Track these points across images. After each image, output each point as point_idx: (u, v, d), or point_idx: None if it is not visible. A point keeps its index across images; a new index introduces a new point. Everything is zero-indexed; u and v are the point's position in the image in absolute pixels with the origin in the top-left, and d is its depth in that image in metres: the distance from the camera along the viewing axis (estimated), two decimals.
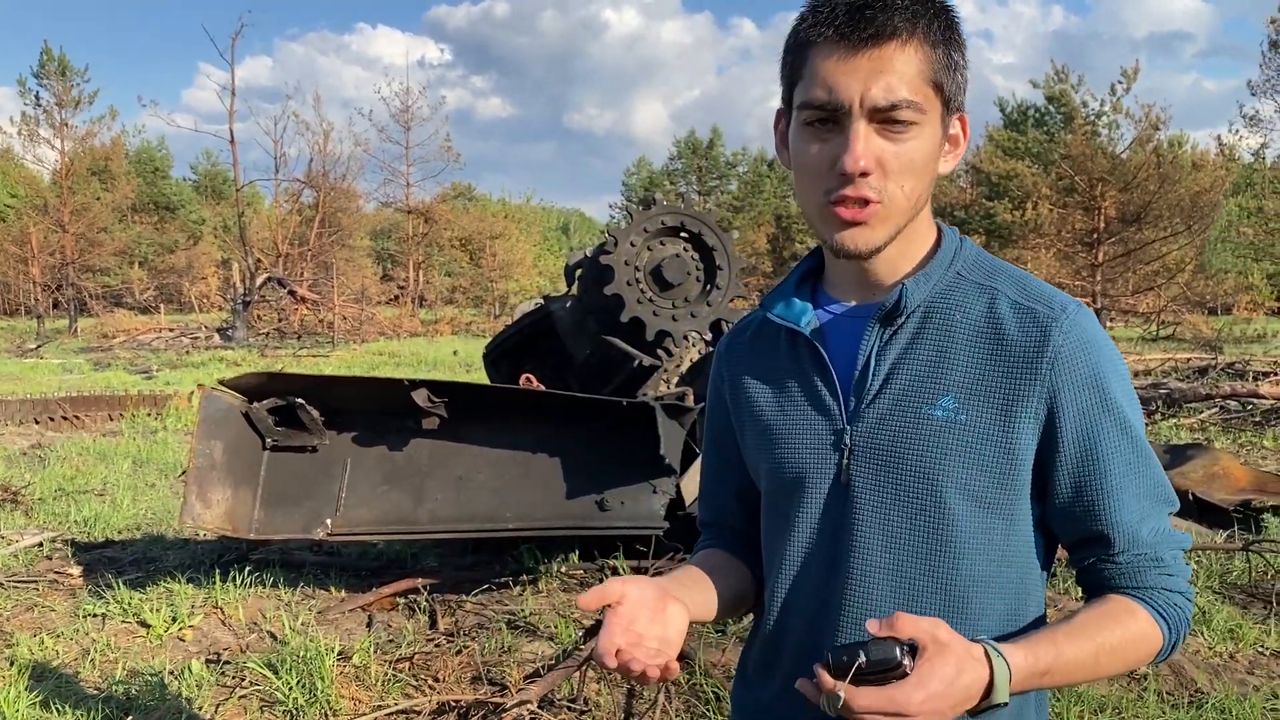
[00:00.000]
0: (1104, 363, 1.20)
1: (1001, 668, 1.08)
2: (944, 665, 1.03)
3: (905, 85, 1.14)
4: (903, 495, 1.22)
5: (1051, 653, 1.13)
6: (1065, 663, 1.15)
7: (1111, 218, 33.70)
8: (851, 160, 1.13)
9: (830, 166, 1.16)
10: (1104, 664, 1.18)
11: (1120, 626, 1.19)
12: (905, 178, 1.17)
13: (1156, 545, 1.21)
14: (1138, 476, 1.21)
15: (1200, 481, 7.11)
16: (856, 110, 1.14)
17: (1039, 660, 1.12)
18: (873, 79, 1.13)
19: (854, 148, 1.14)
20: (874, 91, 1.13)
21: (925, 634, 1.05)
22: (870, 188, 1.16)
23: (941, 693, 1.03)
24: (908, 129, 1.15)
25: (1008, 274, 1.26)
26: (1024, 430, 1.19)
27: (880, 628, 1.06)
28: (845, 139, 1.14)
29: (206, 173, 59.15)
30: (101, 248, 38.59)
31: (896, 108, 1.14)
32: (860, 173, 1.14)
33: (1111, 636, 1.18)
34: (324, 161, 39.33)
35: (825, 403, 1.27)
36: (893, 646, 1.03)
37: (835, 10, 1.15)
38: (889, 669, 1.03)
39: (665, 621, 1.18)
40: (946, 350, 1.22)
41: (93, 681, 4.21)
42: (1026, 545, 1.25)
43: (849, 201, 1.16)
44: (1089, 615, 1.20)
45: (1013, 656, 1.10)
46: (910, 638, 1.04)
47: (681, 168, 57.05)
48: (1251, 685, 4.18)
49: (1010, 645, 1.12)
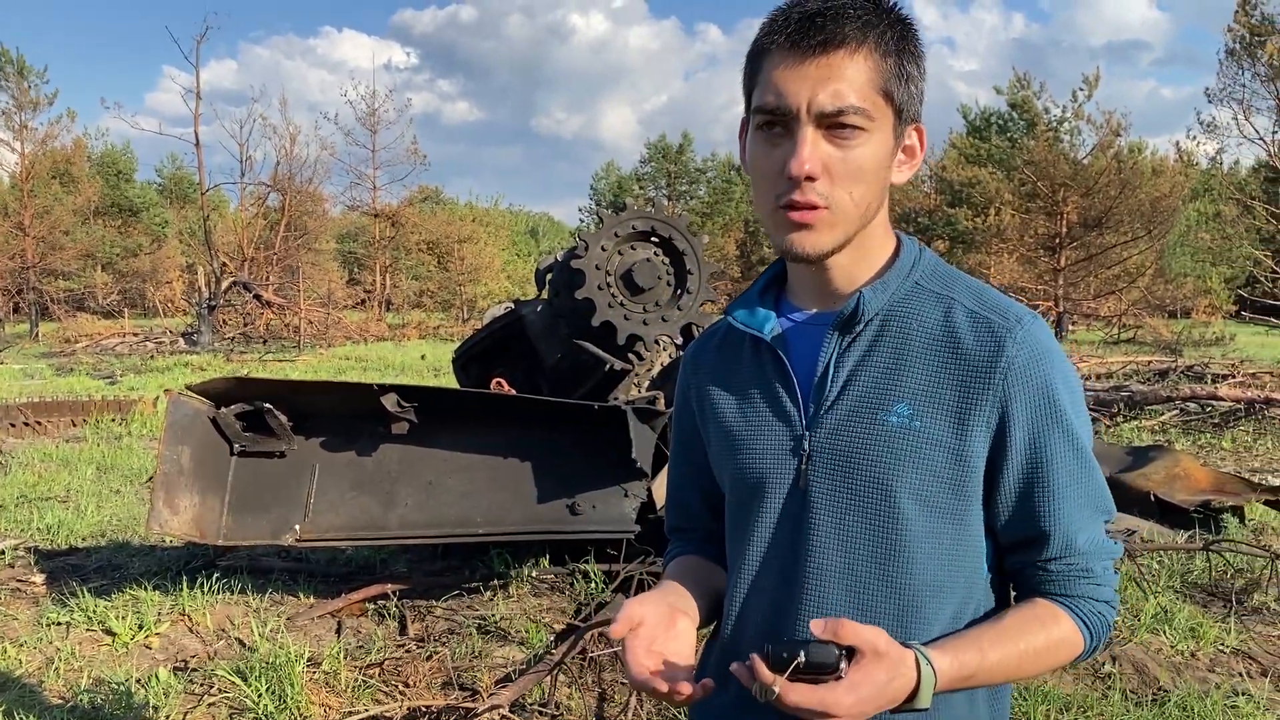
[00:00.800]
0: (1056, 375, 1.23)
1: (928, 674, 1.13)
2: (878, 672, 1.08)
3: (854, 92, 1.16)
4: (858, 500, 1.24)
5: (976, 658, 1.19)
6: (989, 666, 1.20)
7: (1073, 223, 34.14)
8: (797, 164, 1.16)
9: (780, 171, 1.18)
10: (1026, 666, 1.24)
11: (1045, 632, 1.24)
12: (853, 184, 1.19)
13: (1089, 555, 1.26)
14: (1080, 487, 1.25)
15: (1161, 483, 7.21)
16: (804, 116, 1.16)
17: (964, 666, 1.17)
18: (820, 86, 1.16)
19: (800, 152, 1.16)
20: (821, 98, 1.15)
21: (866, 644, 1.09)
22: (817, 193, 1.18)
23: (871, 697, 1.08)
24: (855, 135, 1.17)
25: (965, 284, 1.29)
26: (976, 438, 1.22)
27: (824, 630, 1.09)
28: (793, 144, 1.17)
29: (171, 176, 58.47)
30: (64, 251, 38.05)
31: (843, 114, 1.16)
32: (806, 177, 1.17)
33: (1035, 641, 1.23)
34: (290, 165, 39.04)
35: (786, 409, 1.30)
36: (832, 650, 1.08)
37: (790, 19, 1.18)
38: (825, 671, 1.07)
39: (678, 636, 1.24)
40: (903, 358, 1.24)
41: (57, 691, 4.16)
42: (976, 550, 1.28)
43: (797, 206, 1.18)
44: (1016, 620, 1.25)
45: (939, 662, 1.15)
46: (851, 644, 1.09)
47: (651, 172, 57.14)
48: (1213, 683, 4.26)
49: (938, 650, 1.16)
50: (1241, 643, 4.71)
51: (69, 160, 41.65)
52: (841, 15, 1.16)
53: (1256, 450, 10.13)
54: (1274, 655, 4.62)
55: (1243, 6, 26.71)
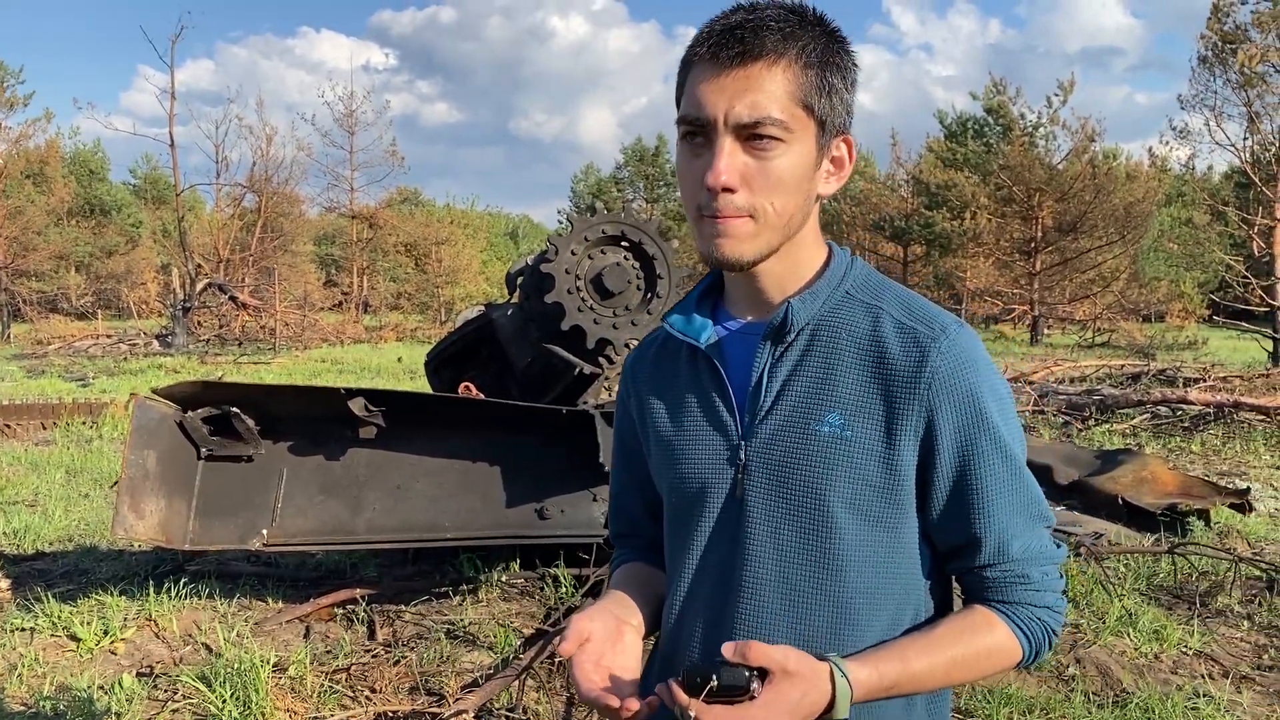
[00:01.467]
0: (981, 383, 1.24)
1: (843, 686, 1.15)
2: (791, 691, 1.12)
3: (772, 104, 1.17)
4: (793, 509, 1.25)
5: (898, 668, 1.20)
6: (914, 675, 1.21)
7: (1048, 227, 34.40)
8: (713, 176, 1.18)
9: (701, 182, 1.19)
10: (957, 674, 1.25)
11: (977, 640, 1.25)
12: (773, 195, 1.20)
13: (1025, 562, 1.26)
14: (1011, 493, 1.25)
15: (1129, 486, 7.28)
16: (721, 127, 1.18)
17: (884, 676, 1.19)
18: (737, 97, 1.17)
19: (716, 164, 1.18)
20: (738, 109, 1.17)
21: (775, 664, 1.12)
22: (735, 204, 1.19)
23: (785, 712, 1.11)
24: (774, 147, 1.19)
25: (894, 294, 1.30)
26: (905, 446, 1.23)
27: (734, 653, 1.13)
28: (712, 154, 1.19)
29: (146, 176, 57.99)
30: (36, 252, 37.67)
31: (760, 125, 1.17)
32: (723, 188, 1.18)
33: (966, 649, 1.24)
34: (267, 166, 38.76)
35: (722, 418, 1.31)
36: (743, 673, 1.11)
37: (714, 31, 1.20)
38: (738, 692, 1.11)
39: (624, 650, 1.26)
40: (833, 367, 1.25)
41: (20, 697, 4.12)
42: (912, 558, 1.29)
43: (717, 215, 1.20)
44: (948, 628, 1.26)
45: (857, 674, 1.17)
46: (761, 666, 1.12)
47: (629, 175, 57.12)
48: (1175, 685, 4.31)
49: (857, 662, 1.18)
50: (1204, 645, 4.77)
51: (43, 160, 41.25)
52: (762, 28, 1.18)
53: (1225, 454, 10.23)
54: (1236, 657, 4.67)
55: (1215, 14, 26.97)
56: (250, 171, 38.61)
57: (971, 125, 40.12)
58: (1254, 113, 26.59)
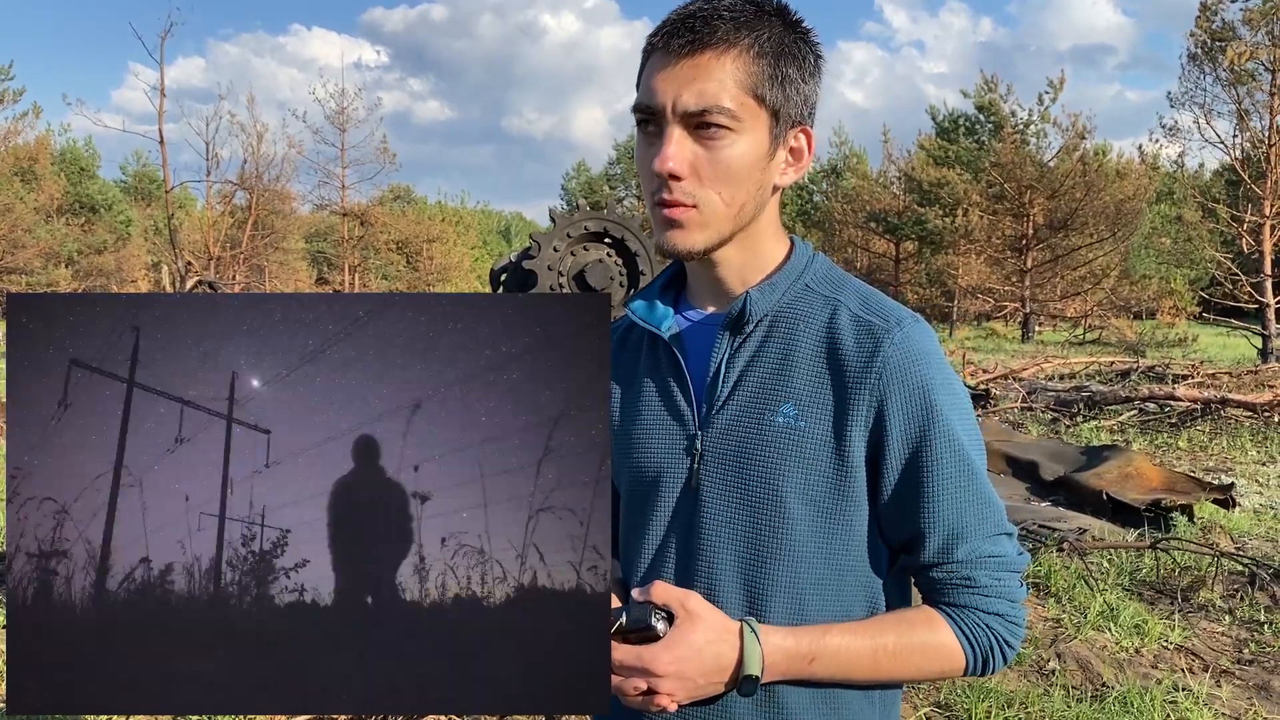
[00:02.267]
0: (933, 376, 1.22)
1: (752, 642, 1.17)
2: (692, 632, 1.16)
3: (721, 93, 1.17)
4: (747, 499, 1.24)
5: (814, 638, 1.20)
6: (832, 651, 1.20)
7: (1040, 224, 34.51)
8: (660, 162, 1.18)
9: (653, 170, 1.20)
10: (885, 665, 1.22)
11: (912, 634, 1.23)
12: (722, 185, 1.20)
13: (970, 564, 1.24)
14: (959, 490, 1.23)
15: (1114, 481, 7.31)
16: (669, 115, 1.18)
17: (799, 643, 1.20)
18: (685, 85, 1.17)
19: (664, 150, 1.18)
20: (685, 97, 1.17)
21: (675, 602, 1.18)
22: (684, 192, 1.19)
23: (688, 657, 1.15)
24: (722, 135, 1.18)
25: (853, 288, 1.30)
26: (855, 437, 1.22)
27: (640, 594, 1.18)
28: (662, 142, 1.19)
29: (136, 174, 57.89)
30: (25, 249, 37.58)
31: (707, 113, 1.17)
32: (671, 175, 1.18)
33: (896, 641, 1.22)
34: (257, 163, 38.72)
35: (680, 408, 1.30)
36: (648, 611, 1.16)
37: (670, 20, 1.20)
38: (643, 630, 1.16)
39: None
40: (789, 359, 1.25)
41: None
42: (865, 553, 1.27)
43: (668, 204, 1.20)
44: (883, 618, 1.26)
45: (770, 636, 1.19)
46: (663, 604, 1.17)
47: (621, 172, 57.19)
48: (1155, 679, 4.32)
49: (774, 629, 1.20)
50: (1185, 639, 4.78)
51: (32, 158, 41.13)
52: (715, 17, 1.18)
53: (1211, 450, 10.27)
54: (1216, 651, 4.69)
55: (1203, 12, 27.08)
56: (241, 169, 38.57)
57: (963, 122, 40.22)
58: (1243, 110, 26.71)
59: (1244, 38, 25.88)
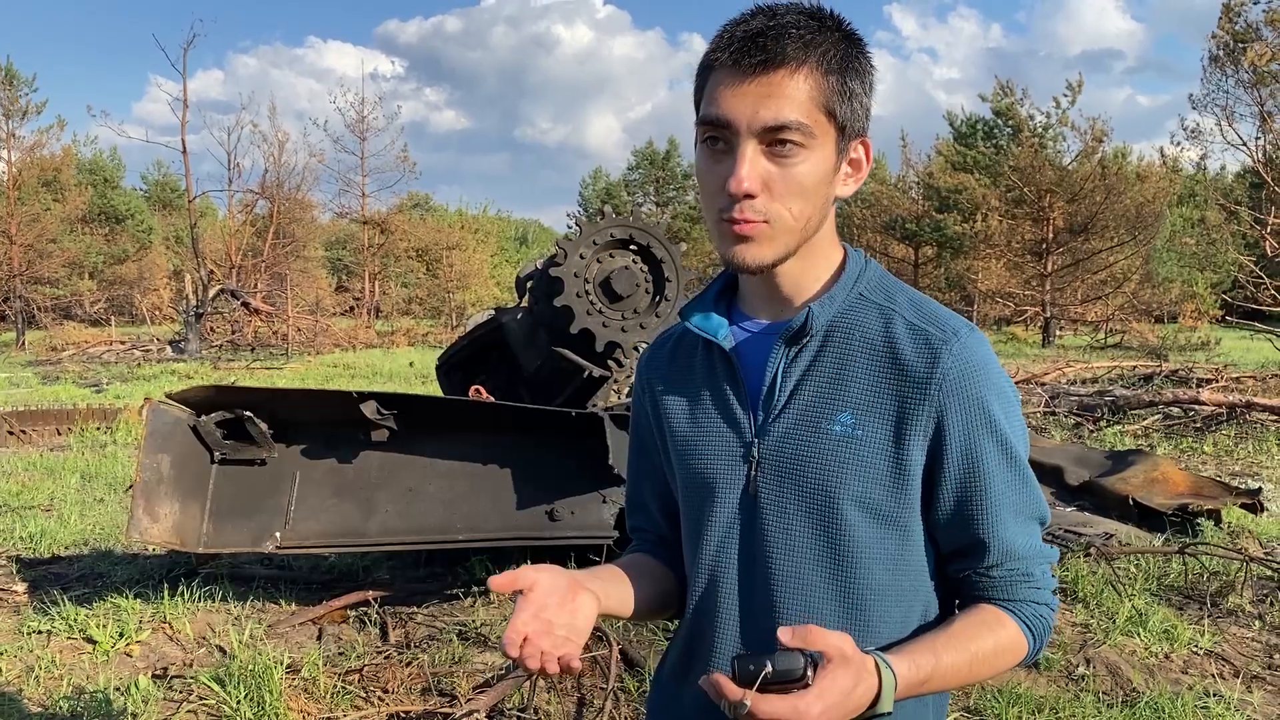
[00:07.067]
0: (989, 386, 1.26)
1: (889, 679, 1.15)
2: (845, 678, 1.10)
3: (795, 110, 1.19)
4: (804, 506, 1.27)
5: (931, 662, 1.21)
6: (943, 671, 1.22)
7: (1059, 228, 34.30)
8: (735, 182, 1.19)
9: (722, 187, 1.21)
10: (977, 671, 1.26)
11: (993, 636, 1.27)
12: (792, 200, 1.22)
13: (1028, 560, 1.29)
14: (1016, 495, 1.27)
15: (1140, 486, 7.27)
16: (744, 133, 1.19)
17: (920, 670, 1.20)
18: (760, 103, 1.19)
19: (739, 170, 1.19)
20: (761, 115, 1.19)
21: (833, 649, 1.11)
22: (755, 209, 1.21)
23: (838, 703, 1.10)
24: (796, 152, 1.20)
25: (907, 296, 1.32)
26: (914, 446, 1.24)
27: (792, 638, 1.11)
28: (734, 160, 1.20)
29: (158, 183, 58.32)
30: (51, 259, 37.89)
31: (783, 131, 1.19)
32: (745, 194, 1.20)
33: (985, 646, 1.26)
34: (278, 172, 38.97)
35: (736, 416, 1.33)
36: (798, 658, 1.09)
37: (734, 36, 1.21)
38: (792, 680, 1.09)
39: (575, 610, 1.23)
40: (846, 368, 1.27)
41: (37, 699, 4.17)
42: (920, 556, 1.31)
43: (737, 220, 1.22)
44: (964, 625, 1.28)
45: (898, 667, 1.17)
46: (819, 650, 1.11)
47: (639, 179, 57.17)
48: (1185, 685, 4.30)
49: (895, 656, 1.19)
50: (1215, 644, 4.76)
51: (57, 168, 41.48)
52: (784, 34, 1.19)
53: (1237, 454, 10.20)
54: (1247, 656, 4.67)
55: (1226, 14, 26.88)
56: (262, 178, 38.82)
57: (981, 127, 40.04)
58: (1265, 112, 26.48)
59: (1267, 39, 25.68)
